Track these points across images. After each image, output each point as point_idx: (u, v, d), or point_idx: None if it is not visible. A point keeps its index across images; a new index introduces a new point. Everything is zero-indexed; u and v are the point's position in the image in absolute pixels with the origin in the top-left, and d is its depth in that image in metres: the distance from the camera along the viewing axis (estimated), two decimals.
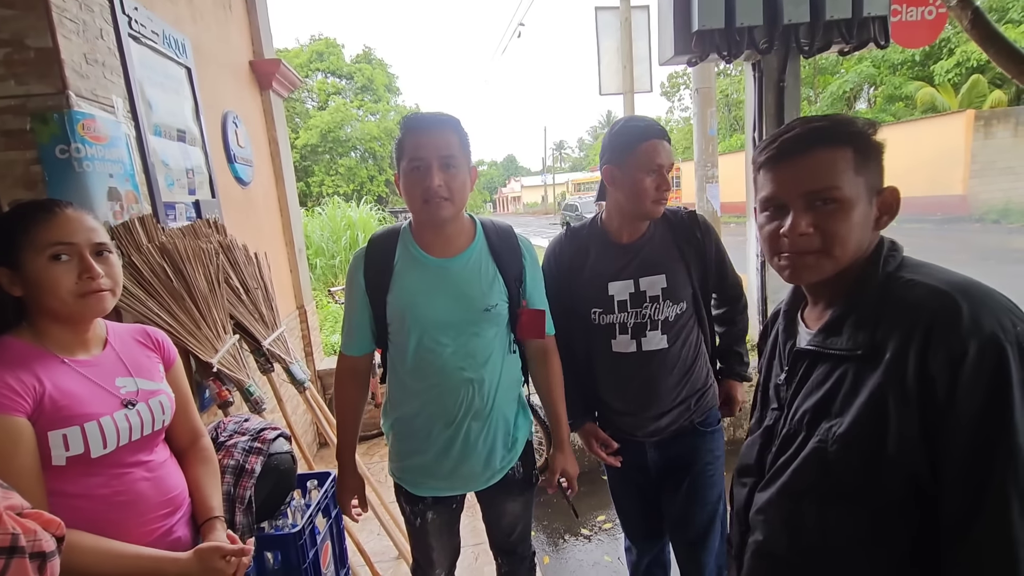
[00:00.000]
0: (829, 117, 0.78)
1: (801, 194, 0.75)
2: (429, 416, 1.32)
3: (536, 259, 1.41)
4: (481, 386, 1.31)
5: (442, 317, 1.28)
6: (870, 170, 0.76)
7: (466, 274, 1.30)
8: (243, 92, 2.92)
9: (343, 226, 10.14)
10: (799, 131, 0.76)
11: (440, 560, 1.50)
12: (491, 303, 1.30)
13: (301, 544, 1.38)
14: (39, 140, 1.31)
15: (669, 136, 1.42)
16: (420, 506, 1.41)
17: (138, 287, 1.51)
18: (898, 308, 0.71)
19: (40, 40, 1.28)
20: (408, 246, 1.32)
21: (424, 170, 1.20)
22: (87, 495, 0.97)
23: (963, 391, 0.64)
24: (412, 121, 1.24)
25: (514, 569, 1.61)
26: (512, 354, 1.39)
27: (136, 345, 1.14)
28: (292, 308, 3.40)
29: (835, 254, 0.75)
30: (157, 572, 0.99)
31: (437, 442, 1.33)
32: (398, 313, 1.29)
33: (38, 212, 0.97)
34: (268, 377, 2.10)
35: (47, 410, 0.93)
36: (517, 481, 1.44)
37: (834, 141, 0.75)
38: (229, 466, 1.35)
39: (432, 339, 1.28)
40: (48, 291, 0.96)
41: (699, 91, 6.02)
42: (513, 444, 1.42)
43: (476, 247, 1.33)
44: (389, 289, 1.29)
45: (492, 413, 1.34)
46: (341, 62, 27.20)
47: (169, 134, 1.90)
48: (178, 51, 2.02)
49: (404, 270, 1.30)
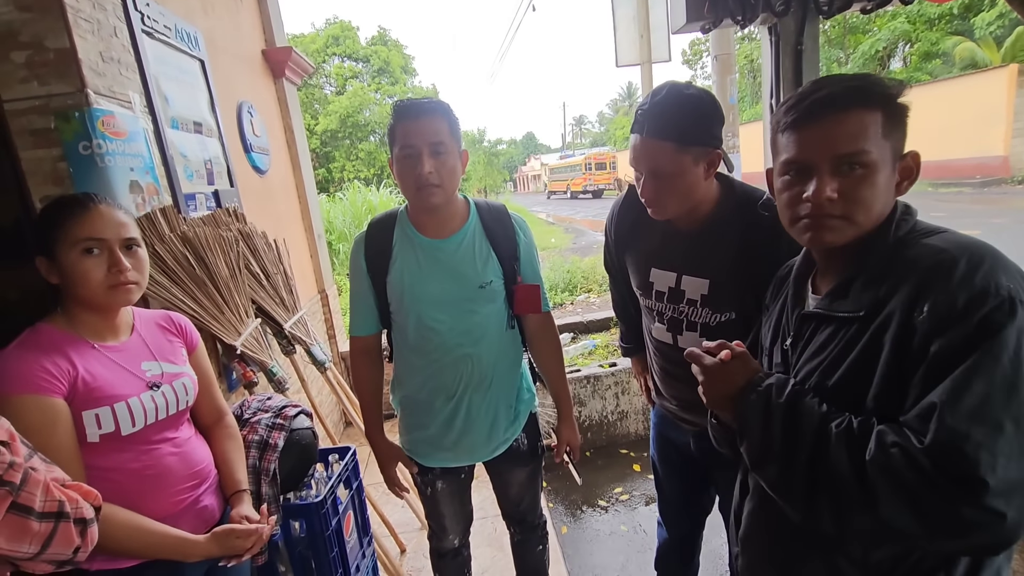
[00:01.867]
0: (857, 76, 0.75)
1: (830, 158, 0.73)
2: (431, 391, 1.39)
3: (531, 237, 1.44)
4: (480, 361, 1.36)
5: (438, 295, 1.33)
6: (897, 134, 0.74)
7: (460, 253, 1.35)
8: (257, 81, 2.97)
9: (364, 211, 10.27)
10: (830, 91, 0.74)
11: (452, 526, 1.57)
12: (485, 280, 1.34)
13: (324, 513, 1.46)
14: (63, 138, 1.38)
15: None
16: (430, 476, 1.49)
17: (162, 275, 1.59)
18: (902, 269, 0.71)
19: (58, 41, 1.34)
20: (405, 228, 1.37)
21: (415, 157, 1.23)
22: (120, 468, 1.05)
23: (946, 341, 0.64)
24: (402, 109, 1.26)
25: (527, 537, 1.68)
26: (511, 329, 1.43)
27: (160, 330, 1.22)
28: (313, 292, 3.50)
29: (858, 220, 0.75)
30: (179, 550, 1.06)
31: (440, 415, 1.39)
32: (397, 293, 1.35)
33: (73, 207, 1.04)
34: (291, 359, 2.18)
35: (80, 392, 1.00)
36: (523, 453, 1.50)
37: (867, 103, 0.73)
38: (254, 441, 1.43)
39: (430, 317, 1.34)
40: (80, 282, 1.03)
41: (718, 58, 5.84)
42: (516, 416, 1.47)
43: (470, 227, 1.37)
44: (388, 270, 1.35)
45: (492, 386, 1.40)
46: (357, 45, 27.14)
47: (186, 126, 1.97)
48: (191, 44, 2.08)
49: (401, 252, 1.35)
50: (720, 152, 1.16)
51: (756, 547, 0.88)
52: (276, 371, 1.93)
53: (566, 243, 12.08)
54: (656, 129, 1.13)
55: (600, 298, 6.98)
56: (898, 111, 0.74)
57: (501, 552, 2.26)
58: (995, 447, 0.59)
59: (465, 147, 1.34)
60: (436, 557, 1.65)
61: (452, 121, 1.28)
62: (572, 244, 11.76)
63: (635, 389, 3.21)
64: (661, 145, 1.13)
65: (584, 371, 3.18)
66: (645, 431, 3.26)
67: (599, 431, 3.21)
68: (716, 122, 1.16)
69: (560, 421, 1.55)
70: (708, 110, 1.15)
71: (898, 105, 0.74)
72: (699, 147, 1.14)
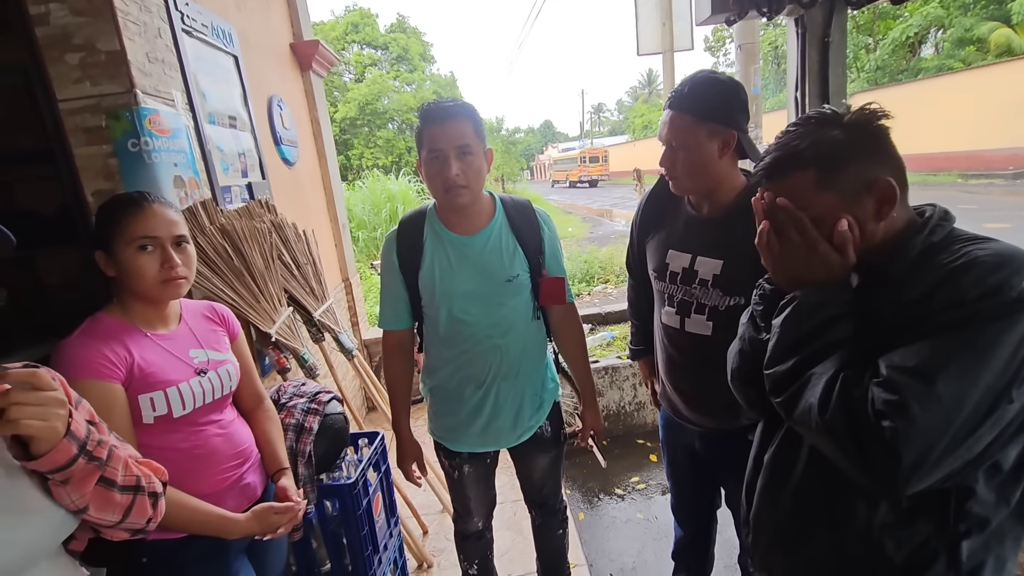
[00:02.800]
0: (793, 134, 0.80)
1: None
2: (461, 380, 1.46)
3: (554, 230, 1.50)
4: (507, 351, 1.43)
5: (468, 290, 1.39)
6: (843, 178, 0.77)
7: (488, 249, 1.40)
8: (285, 75, 3.04)
9: (383, 199, 10.36)
10: (767, 161, 0.82)
11: (477, 509, 1.65)
12: (513, 274, 1.40)
13: (355, 494, 1.54)
14: (113, 135, 1.45)
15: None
16: (457, 460, 1.56)
17: (204, 266, 1.67)
18: (928, 269, 0.73)
19: (109, 44, 1.41)
20: (434, 226, 1.43)
21: (442, 160, 1.29)
22: (171, 448, 1.14)
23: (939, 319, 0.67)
24: (428, 113, 1.32)
25: (547, 521, 1.74)
26: (536, 320, 1.49)
27: (205, 320, 1.30)
28: (338, 281, 3.59)
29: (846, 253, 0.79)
30: (222, 528, 1.14)
31: (470, 402, 1.46)
32: (428, 288, 1.41)
33: (129, 206, 1.12)
34: (320, 346, 2.27)
35: (136, 377, 1.08)
36: (546, 440, 1.56)
37: (792, 167, 0.79)
38: (291, 424, 1.51)
39: (460, 310, 1.40)
40: (135, 277, 1.11)
41: (742, 47, 5.75)
42: (541, 404, 1.53)
43: (496, 223, 1.43)
44: (420, 267, 1.41)
45: (519, 375, 1.46)
46: (376, 32, 27.15)
47: (222, 121, 2.04)
48: (226, 41, 2.14)
49: (432, 248, 1.41)
50: (735, 133, 1.23)
51: (765, 525, 0.92)
52: (307, 357, 2.02)
53: (583, 232, 12.05)
54: (680, 104, 1.24)
55: (618, 289, 6.98)
56: (838, 156, 0.77)
57: (520, 535, 2.34)
58: (923, 401, 0.64)
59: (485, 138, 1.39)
60: (460, 538, 1.72)
61: (477, 122, 1.33)
62: (589, 234, 11.73)
63: None
64: (682, 117, 1.25)
65: (602, 362, 3.23)
66: None
67: (616, 421, 3.26)
68: (736, 107, 1.25)
69: (584, 407, 1.61)
70: (730, 95, 1.25)
71: (840, 148, 0.77)
72: (715, 124, 1.23)
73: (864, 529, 0.77)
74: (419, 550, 2.23)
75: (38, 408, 0.66)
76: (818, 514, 0.83)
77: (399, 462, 1.58)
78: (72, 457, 0.70)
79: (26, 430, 0.65)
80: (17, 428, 0.65)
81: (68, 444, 0.70)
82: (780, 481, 0.89)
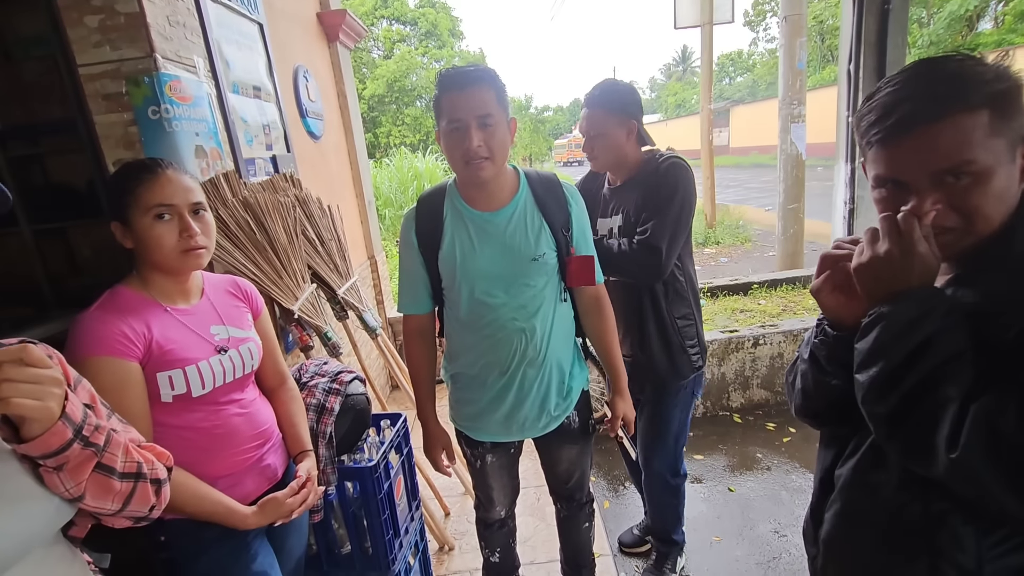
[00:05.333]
0: (950, 75, 0.64)
1: (927, 174, 0.65)
2: (484, 366, 1.38)
3: (583, 206, 1.41)
4: (533, 335, 1.34)
5: (492, 270, 1.31)
6: (1011, 123, 0.64)
7: (512, 226, 1.31)
8: (312, 45, 2.97)
9: (410, 177, 10.34)
10: (918, 104, 0.64)
11: (500, 499, 1.59)
12: (539, 253, 1.31)
13: (377, 477, 1.50)
14: (133, 102, 1.41)
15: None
16: (479, 449, 1.50)
17: (225, 239, 1.63)
18: None
19: (128, 6, 1.35)
20: (455, 202, 1.34)
21: (463, 131, 1.20)
22: (191, 427, 1.10)
23: None
24: (447, 80, 1.21)
25: (573, 514, 1.68)
26: (563, 303, 1.41)
27: (228, 296, 1.25)
28: (363, 258, 3.56)
29: (977, 229, 0.66)
30: (227, 519, 1.11)
31: (493, 389, 1.39)
32: (449, 268, 1.33)
33: (142, 173, 1.07)
34: (343, 324, 2.23)
35: (155, 355, 1.04)
36: (573, 430, 1.48)
37: (964, 106, 0.62)
38: (312, 404, 1.47)
39: (483, 292, 1.32)
40: (153, 247, 1.06)
41: (787, 19, 5.45)
42: (568, 393, 1.45)
43: (520, 199, 1.33)
44: (440, 246, 1.33)
45: (546, 360, 1.38)
46: (405, 8, 26.83)
47: (246, 91, 1.98)
48: (251, 7, 2.07)
49: (452, 226, 1.33)
50: (635, 123, 1.65)
51: (843, 550, 0.83)
52: (331, 335, 1.98)
53: None
54: (594, 103, 1.65)
55: None
56: (1008, 98, 0.63)
57: (543, 523, 2.29)
58: None
59: (512, 114, 1.29)
60: (483, 527, 1.68)
61: (499, 89, 1.23)
62: None
63: None
64: (597, 112, 1.65)
65: None
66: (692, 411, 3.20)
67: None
68: (634, 104, 1.65)
69: (615, 394, 1.53)
70: (629, 95, 1.66)
71: (1007, 90, 0.63)
72: (621, 115, 1.63)
73: (971, 562, 0.67)
74: (440, 532, 2.21)
75: (31, 386, 0.61)
76: (915, 544, 0.72)
77: (427, 451, 1.51)
78: (67, 441, 0.65)
79: (17, 409, 0.60)
80: (7, 407, 0.60)
81: (63, 427, 0.65)
82: (863, 504, 0.78)
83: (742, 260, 7.22)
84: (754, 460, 2.74)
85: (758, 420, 3.12)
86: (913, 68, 0.67)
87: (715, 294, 4.26)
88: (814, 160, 9.23)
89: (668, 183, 1.58)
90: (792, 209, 5.68)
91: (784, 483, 2.54)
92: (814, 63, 22.43)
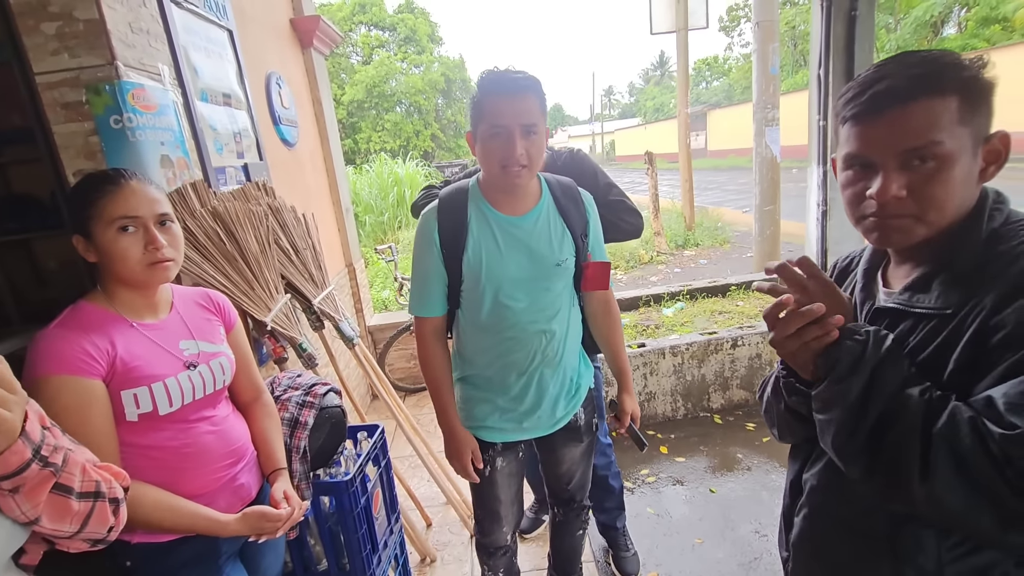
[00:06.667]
0: (928, 58, 0.67)
1: (896, 153, 0.67)
2: (502, 367, 1.36)
3: (597, 213, 1.43)
4: (552, 337, 1.35)
5: (516, 274, 1.30)
6: (978, 118, 0.66)
7: (537, 231, 1.31)
8: (285, 52, 2.93)
9: (390, 183, 10.27)
10: (894, 82, 0.66)
11: (507, 515, 1.51)
12: (562, 258, 1.32)
13: (353, 491, 1.47)
14: (94, 111, 1.36)
15: None
16: (490, 453, 1.43)
17: (194, 251, 1.59)
18: (997, 264, 0.64)
19: (87, 12, 1.31)
20: (480, 205, 1.31)
21: (505, 137, 1.18)
22: (158, 447, 1.06)
23: None
24: (493, 83, 1.19)
25: (569, 519, 1.65)
26: (575, 306, 1.43)
27: (199, 309, 1.21)
28: (341, 266, 3.51)
29: (930, 219, 0.67)
30: (209, 529, 1.07)
31: (511, 391, 1.38)
32: (474, 271, 1.29)
33: (105, 184, 1.03)
34: (320, 334, 2.19)
35: (119, 372, 1.00)
36: (577, 428, 1.49)
37: (938, 90, 0.65)
38: (284, 418, 1.44)
39: (507, 295, 1.30)
40: (117, 260, 1.03)
41: (760, 24, 5.56)
42: (576, 391, 1.46)
43: (544, 204, 1.34)
44: (465, 248, 1.29)
45: (562, 361, 1.39)
46: (383, 13, 26.76)
47: (215, 99, 1.94)
48: (219, 14, 2.04)
49: (478, 228, 1.30)
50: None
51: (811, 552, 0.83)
52: (306, 347, 1.94)
53: None
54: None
55: (627, 275, 6.89)
56: (978, 92, 0.65)
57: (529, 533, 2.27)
58: None
59: None
60: (485, 554, 1.59)
61: (542, 98, 1.22)
62: None
63: (663, 370, 3.16)
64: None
65: None
66: (673, 413, 3.22)
67: None
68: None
69: (623, 392, 1.54)
70: None
71: (980, 84, 0.65)
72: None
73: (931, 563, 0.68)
74: (422, 544, 2.18)
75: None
76: (878, 546, 0.73)
77: (454, 458, 1.41)
78: (26, 461, 0.62)
79: None
80: None
81: (22, 446, 0.62)
82: (829, 507, 0.79)
83: (721, 262, 7.31)
84: (735, 460, 2.77)
85: (738, 420, 3.14)
86: (896, 55, 0.70)
87: (694, 296, 4.30)
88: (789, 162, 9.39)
89: (585, 168, 1.82)
90: (768, 211, 5.77)
91: (764, 483, 2.56)
92: (787, 68, 22.91)
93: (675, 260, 7.55)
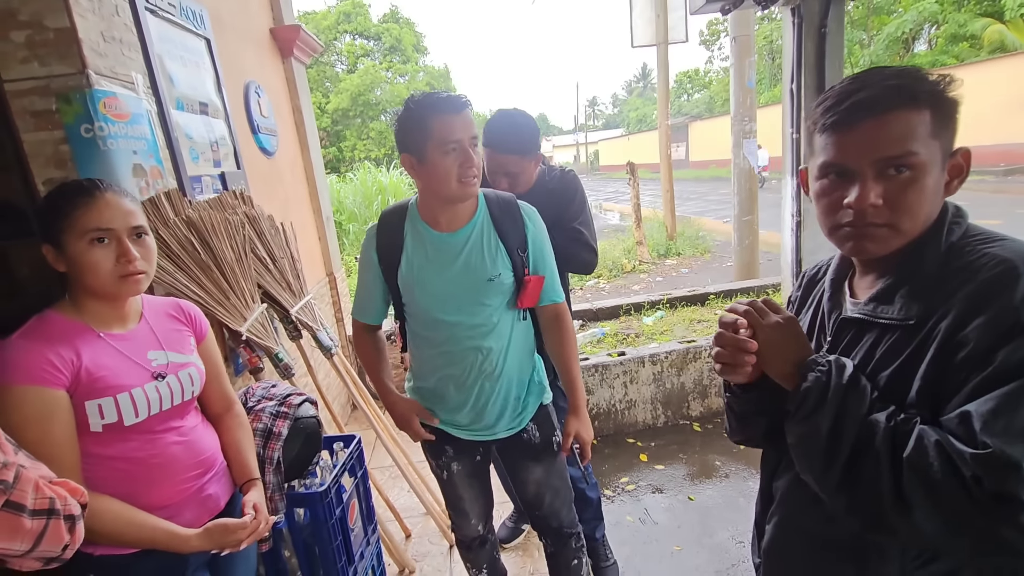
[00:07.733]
0: (903, 72, 0.69)
1: (873, 161, 0.69)
2: (441, 380, 1.41)
3: (540, 226, 1.42)
4: (489, 353, 1.36)
5: (448, 289, 1.33)
6: (946, 132, 0.69)
7: (470, 247, 1.33)
8: (264, 61, 2.92)
9: (374, 191, 10.24)
10: (872, 92, 0.68)
11: (472, 510, 1.56)
12: (494, 273, 1.33)
13: (327, 503, 1.45)
14: (65, 120, 1.35)
15: None
16: (444, 459, 1.50)
17: (167, 260, 1.58)
18: (956, 277, 0.66)
19: (57, 20, 1.31)
20: (415, 223, 1.36)
21: (460, 152, 1.23)
22: (124, 457, 1.04)
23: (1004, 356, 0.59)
24: (438, 104, 1.22)
25: (559, 550, 1.61)
26: (522, 321, 1.42)
27: (169, 319, 1.20)
28: (321, 275, 3.49)
29: (904, 227, 0.70)
30: (169, 544, 1.05)
31: (452, 402, 1.42)
32: (408, 286, 1.36)
33: (78, 195, 1.02)
34: (297, 344, 2.17)
35: (83, 382, 0.99)
36: (534, 445, 1.48)
37: (914, 103, 0.67)
38: (258, 429, 1.42)
39: (440, 310, 1.34)
40: (88, 272, 1.01)
41: (736, 39, 5.68)
42: (523, 409, 1.46)
43: (479, 219, 1.35)
44: (399, 263, 1.35)
45: (503, 375, 1.40)
46: (368, 23, 26.78)
47: (192, 107, 1.93)
48: (196, 22, 2.03)
49: (412, 246, 1.35)
50: (540, 155, 1.79)
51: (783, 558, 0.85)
52: (282, 357, 1.92)
53: None
54: (505, 148, 1.71)
55: (610, 284, 6.94)
56: (947, 107, 0.69)
57: (530, 557, 2.26)
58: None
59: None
60: (464, 549, 1.65)
61: None
62: None
63: (643, 378, 3.18)
64: (511, 158, 1.72)
65: (592, 359, 3.16)
66: (653, 421, 3.25)
67: (607, 420, 3.20)
68: (536, 137, 1.75)
69: (569, 412, 1.48)
70: (532, 132, 1.73)
71: (948, 101, 0.69)
72: (533, 154, 1.75)
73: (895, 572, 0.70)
74: (400, 555, 2.16)
75: None
76: (843, 555, 0.75)
77: (401, 424, 1.48)
78: None
79: None
80: None
81: None
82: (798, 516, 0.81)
83: (702, 271, 7.41)
84: (713, 468, 2.79)
85: (717, 428, 3.18)
86: (870, 68, 0.72)
87: (674, 305, 4.35)
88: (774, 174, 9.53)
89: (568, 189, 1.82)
90: (747, 221, 5.88)
91: (742, 490, 2.59)
92: (765, 81, 23.38)
93: (657, 269, 7.62)
